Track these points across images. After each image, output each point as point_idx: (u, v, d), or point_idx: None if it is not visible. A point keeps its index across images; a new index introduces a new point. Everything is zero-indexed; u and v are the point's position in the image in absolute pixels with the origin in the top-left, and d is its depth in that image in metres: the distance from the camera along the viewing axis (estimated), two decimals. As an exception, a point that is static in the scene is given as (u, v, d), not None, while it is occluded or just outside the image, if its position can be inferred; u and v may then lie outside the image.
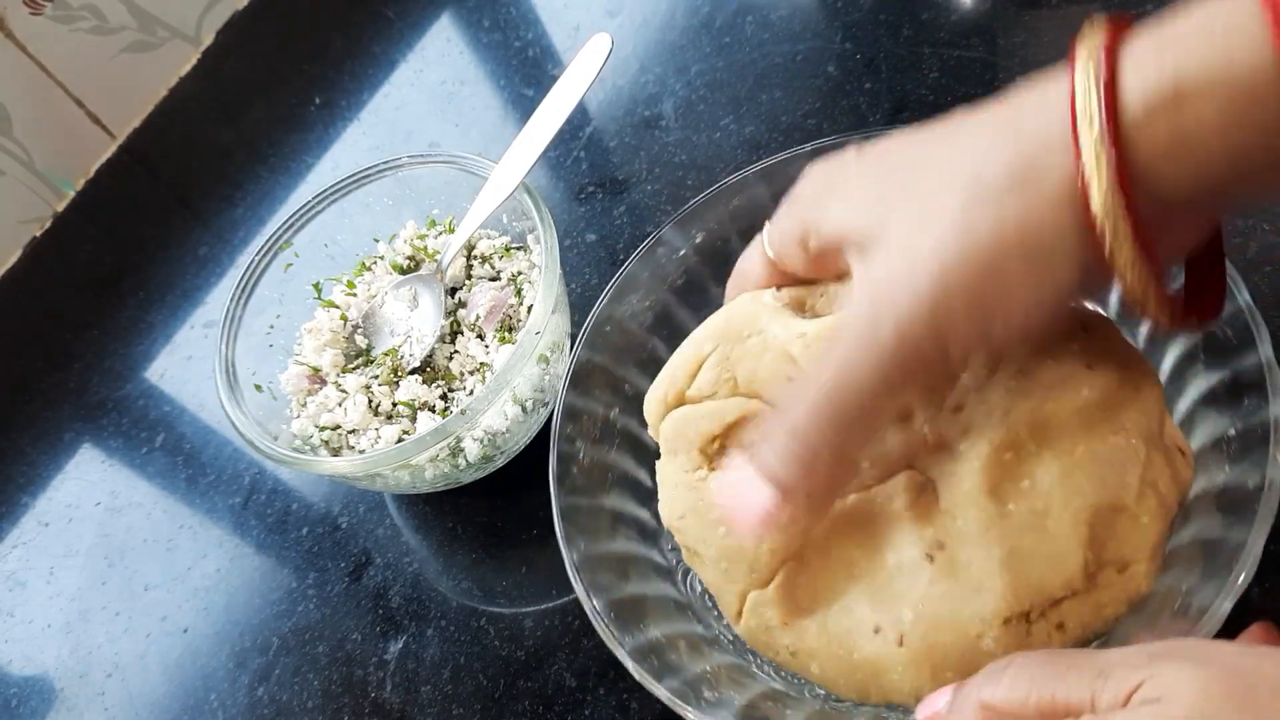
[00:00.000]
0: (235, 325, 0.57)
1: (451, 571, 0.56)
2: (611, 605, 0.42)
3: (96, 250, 0.77)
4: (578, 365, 0.48)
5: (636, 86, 0.69)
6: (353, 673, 0.53)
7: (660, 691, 0.39)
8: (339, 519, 0.59)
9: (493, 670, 0.51)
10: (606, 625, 0.41)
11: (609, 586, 0.43)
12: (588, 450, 0.47)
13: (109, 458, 0.66)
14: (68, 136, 0.79)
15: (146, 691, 0.56)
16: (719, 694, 0.40)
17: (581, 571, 0.42)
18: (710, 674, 0.41)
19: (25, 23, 0.73)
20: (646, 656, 0.40)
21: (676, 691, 0.39)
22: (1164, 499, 0.36)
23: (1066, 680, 0.28)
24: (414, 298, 0.58)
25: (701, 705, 0.39)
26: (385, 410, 0.55)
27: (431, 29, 0.78)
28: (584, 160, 0.67)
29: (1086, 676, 0.28)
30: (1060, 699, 0.28)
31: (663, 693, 0.39)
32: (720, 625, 0.44)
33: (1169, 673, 0.27)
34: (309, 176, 0.74)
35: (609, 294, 0.49)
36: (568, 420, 0.47)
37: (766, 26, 0.68)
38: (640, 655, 0.40)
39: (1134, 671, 0.27)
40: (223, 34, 0.84)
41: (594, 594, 0.42)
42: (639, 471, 0.49)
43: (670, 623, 0.43)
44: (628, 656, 0.40)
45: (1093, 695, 0.28)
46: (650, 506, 0.47)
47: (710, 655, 0.43)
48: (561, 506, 0.45)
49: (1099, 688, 0.28)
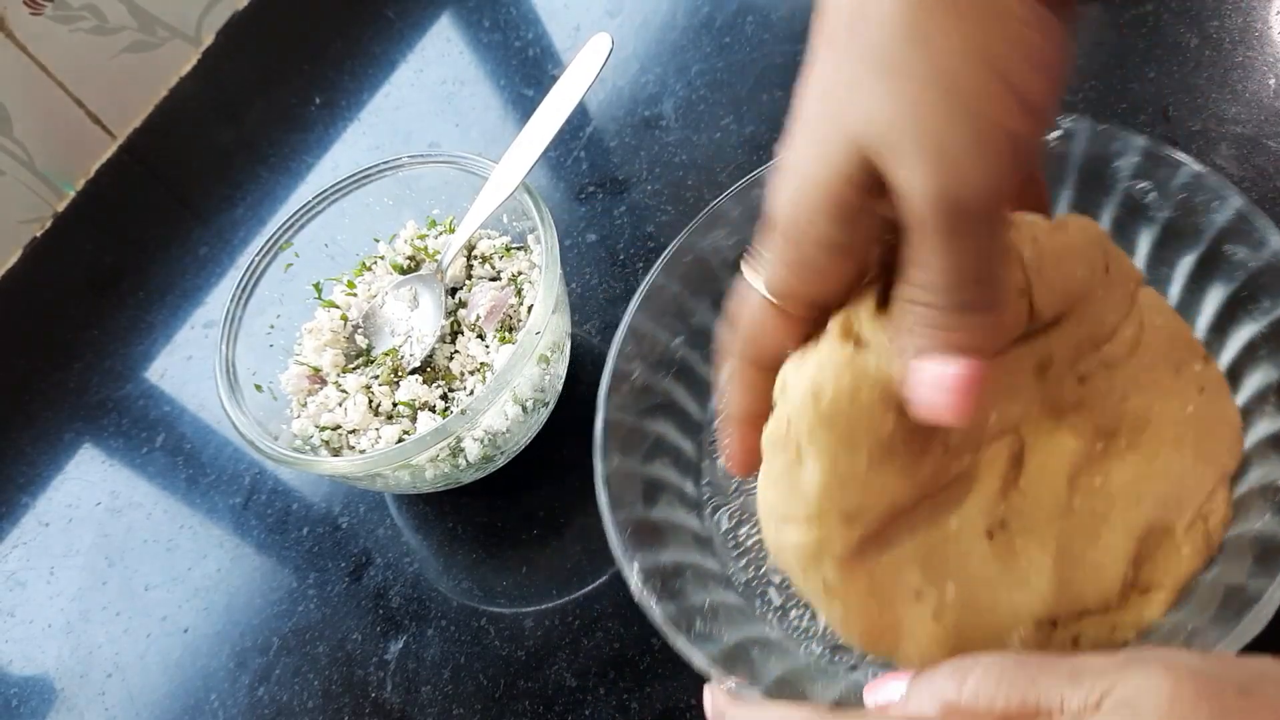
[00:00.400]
0: (235, 325, 0.57)
1: (452, 571, 0.56)
2: (631, 523, 0.42)
3: (96, 250, 0.77)
4: (651, 288, 0.48)
5: (637, 86, 0.69)
6: (353, 673, 0.53)
7: (655, 614, 0.39)
8: (339, 519, 0.59)
9: (493, 670, 0.51)
10: (622, 540, 0.41)
11: (633, 505, 0.43)
12: (643, 372, 0.47)
13: (109, 458, 0.66)
14: (68, 137, 0.79)
15: (147, 691, 0.56)
16: (710, 629, 0.40)
17: (610, 484, 0.43)
18: (709, 608, 0.42)
19: (25, 23, 0.73)
20: (651, 578, 0.41)
21: (670, 617, 0.39)
22: (1209, 537, 0.37)
23: (1037, 683, 0.28)
24: (414, 298, 0.58)
25: (690, 636, 0.39)
26: (385, 410, 0.55)
27: (431, 29, 0.78)
28: (584, 160, 0.67)
29: (1057, 680, 0.28)
30: (1030, 701, 0.28)
31: (657, 614, 0.39)
32: (736, 566, 0.45)
33: (1139, 676, 0.27)
34: (309, 176, 0.74)
35: (696, 224, 0.48)
36: (631, 339, 0.47)
37: (767, 26, 0.68)
38: (646, 575, 0.40)
39: (1104, 676, 0.27)
40: (223, 34, 0.84)
41: (616, 510, 0.42)
42: (689, 403, 0.49)
43: (685, 552, 0.44)
44: (634, 573, 0.40)
45: (1062, 699, 0.27)
46: (694, 438, 0.47)
47: (714, 591, 0.43)
48: (606, 419, 0.45)
49: (1069, 691, 0.28)
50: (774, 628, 0.43)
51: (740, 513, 0.48)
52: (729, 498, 0.48)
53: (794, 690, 0.39)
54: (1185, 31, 0.58)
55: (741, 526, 0.48)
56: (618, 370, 0.46)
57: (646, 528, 0.43)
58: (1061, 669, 0.28)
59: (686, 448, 0.48)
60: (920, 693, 0.30)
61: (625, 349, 0.47)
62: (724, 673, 0.38)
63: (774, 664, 0.40)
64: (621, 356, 0.47)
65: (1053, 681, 0.28)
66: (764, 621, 0.44)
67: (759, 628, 0.43)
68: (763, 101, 0.65)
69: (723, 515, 0.47)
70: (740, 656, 0.40)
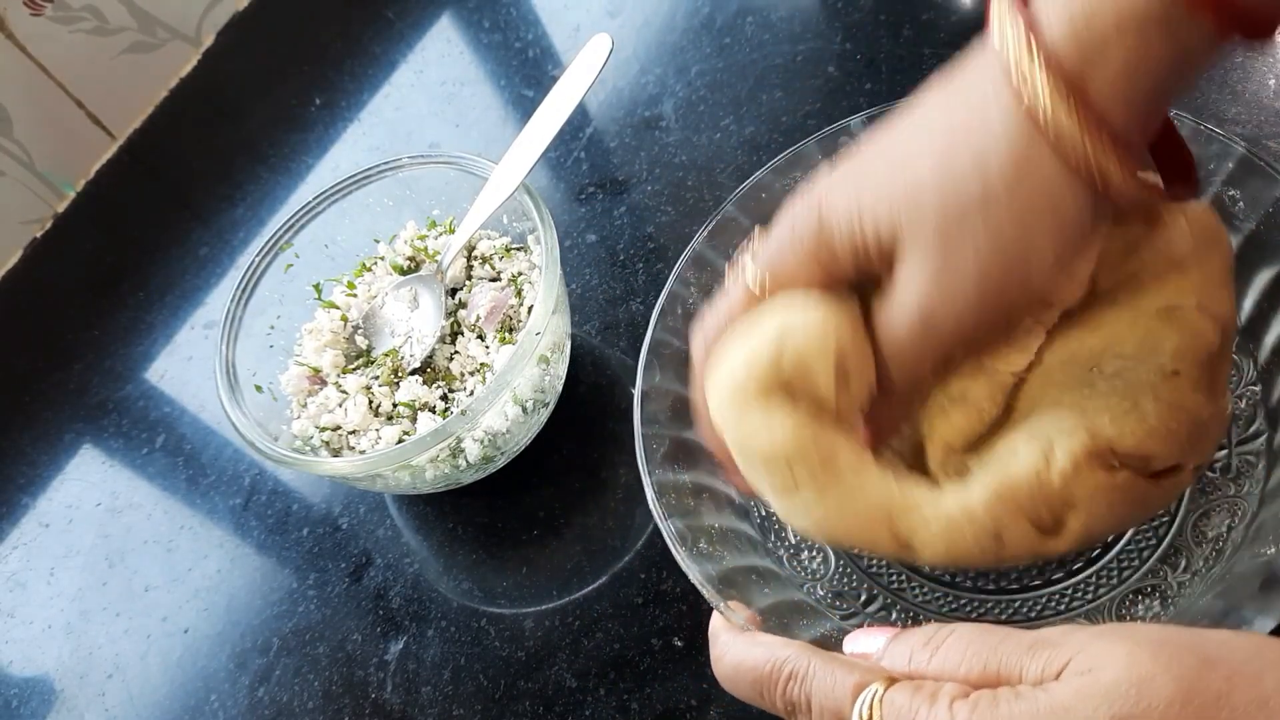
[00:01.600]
0: (236, 326, 0.57)
1: (452, 572, 0.56)
2: (657, 439, 0.44)
3: (97, 251, 0.76)
4: (722, 219, 0.49)
5: (637, 87, 0.69)
6: (353, 673, 0.53)
7: (665, 527, 0.41)
8: (339, 520, 0.59)
9: (493, 671, 0.51)
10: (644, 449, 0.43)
11: (664, 423, 0.45)
12: (699, 299, 0.48)
13: (109, 458, 0.66)
14: (68, 137, 0.79)
15: (147, 692, 0.56)
16: (714, 550, 0.42)
17: (646, 401, 0.44)
18: (717, 530, 0.43)
19: (25, 23, 0.73)
20: (666, 493, 0.42)
21: (678, 531, 0.41)
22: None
23: (999, 652, 0.28)
24: (414, 298, 0.58)
25: (693, 552, 0.40)
26: (386, 411, 0.55)
27: (432, 30, 0.78)
28: (584, 161, 0.67)
29: (1018, 650, 0.28)
30: (992, 669, 0.28)
31: (667, 528, 0.41)
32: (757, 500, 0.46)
33: (1099, 646, 0.27)
34: (309, 177, 0.74)
35: (778, 163, 0.49)
36: (692, 266, 0.48)
37: (767, 27, 0.68)
38: (662, 490, 0.42)
39: (1064, 647, 0.27)
40: (223, 35, 0.84)
41: (647, 424, 0.44)
42: None
43: (707, 476, 0.45)
44: (651, 485, 0.42)
45: (1021, 668, 0.28)
46: None
47: (727, 516, 0.44)
48: (654, 338, 0.46)
49: (1028, 661, 0.28)
50: (782, 564, 0.44)
51: None
52: None
53: (778, 621, 0.40)
54: (1185, 32, 0.58)
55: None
56: (674, 293, 0.47)
57: (674, 445, 0.44)
58: (1024, 640, 0.28)
59: None
60: (896, 652, 0.31)
61: (685, 274, 0.48)
62: (716, 593, 0.39)
63: (768, 594, 0.41)
64: (680, 281, 0.48)
65: (1013, 651, 0.28)
66: (771, 555, 0.44)
67: (764, 560, 0.44)
68: (763, 102, 0.65)
69: None
70: (736, 581, 0.41)
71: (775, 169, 0.49)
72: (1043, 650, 0.28)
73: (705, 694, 0.48)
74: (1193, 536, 0.42)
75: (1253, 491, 0.41)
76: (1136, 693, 0.25)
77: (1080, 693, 0.26)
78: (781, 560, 0.45)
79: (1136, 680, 0.25)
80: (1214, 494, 0.43)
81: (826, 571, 0.45)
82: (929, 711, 0.27)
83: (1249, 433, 0.43)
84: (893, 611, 0.45)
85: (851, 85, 0.63)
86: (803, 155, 0.49)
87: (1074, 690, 0.26)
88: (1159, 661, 0.26)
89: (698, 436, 0.42)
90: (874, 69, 0.63)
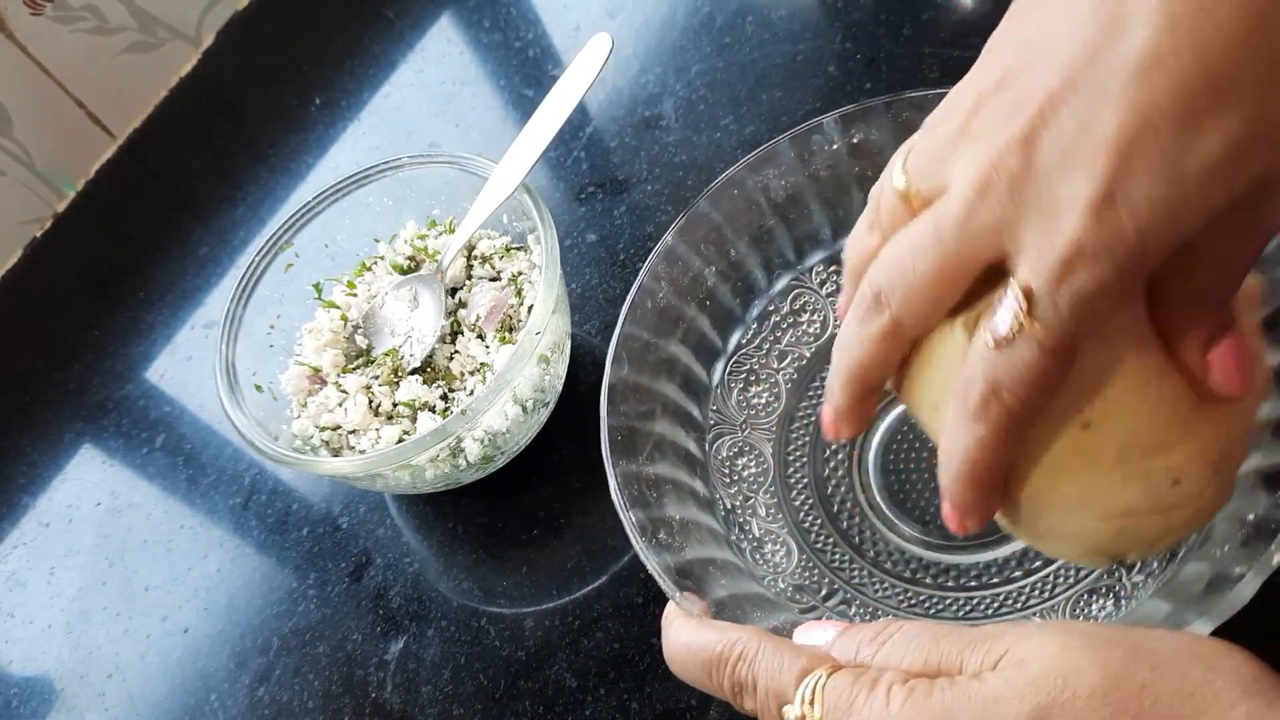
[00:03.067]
0: (235, 325, 0.57)
1: (452, 572, 0.56)
2: (622, 430, 0.44)
3: (97, 250, 0.76)
4: (691, 216, 0.48)
5: (637, 86, 0.69)
6: (353, 673, 0.53)
7: (626, 518, 0.41)
8: (339, 519, 0.59)
9: (493, 670, 0.51)
10: (611, 443, 0.43)
11: (630, 415, 0.45)
12: (669, 296, 0.48)
13: (109, 458, 0.66)
14: (68, 137, 0.79)
15: (147, 692, 0.56)
16: (674, 541, 0.42)
17: (613, 391, 0.44)
18: (680, 523, 0.43)
19: (25, 23, 0.73)
20: (631, 483, 0.42)
21: (639, 523, 0.41)
22: None
23: (941, 646, 0.29)
24: (414, 298, 0.58)
25: (653, 543, 0.40)
26: (385, 410, 0.55)
27: (432, 29, 0.78)
28: (584, 160, 0.67)
29: (960, 643, 0.29)
30: (933, 661, 0.29)
31: (627, 519, 0.41)
32: (724, 493, 0.46)
33: (1033, 638, 0.28)
34: (309, 177, 0.74)
35: (749, 160, 0.49)
36: (661, 261, 0.48)
37: (767, 26, 0.68)
38: (626, 480, 0.42)
39: (1002, 640, 0.28)
40: (223, 34, 0.84)
41: (613, 415, 0.44)
42: (712, 334, 0.50)
43: (670, 466, 0.45)
44: (615, 475, 0.42)
45: (961, 660, 0.29)
46: (708, 365, 0.49)
47: (691, 509, 0.44)
48: (624, 332, 0.46)
49: (968, 654, 0.29)
50: (744, 556, 0.44)
51: (741, 445, 0.49)
52: (737, 429, 0.49)
53: (733, 612, 0.40)
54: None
55: (741, 458, 0.49)
56: (645, 286, 0.47)
57: (641, 438, 0.44)
58: (966, 635, 0.29)
59: (699, 373, 0.49)
60: (843, 645, 0.31)
61: (656, 268, 0.48)
62: (673, 583, 0.39)
63: (725, 585, 0.42)
64: (650, 275, 0.47)
65: (955, 645, 0.29)
66: (734, 548, 0.45)
67: (725, 553, 0.44)
68: (763, 101, 0.65)
69: (724, 443, 0.48)
70: (694, 572, 0.41)
71: (748, 165, 0.49)
72: (982, 643, 0.28)
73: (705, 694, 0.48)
74: None
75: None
76: (1062, 682, 0.26)
77: (1010, 683, 0.27)
78: (744, 553, 0.45)
79: (1063, 671, 0.26)
80: None
81: (789, 565, 0.45)
82: (868, 696, 0.28)
83: None
84: (852, 606, 0.45)
85: (852, 85, 0.63)
86: (776, 153, 0.49)
87: (1005, 680, 0.27)
88: (1086, 654, 0.27)
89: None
90: (874, 69, 0.63)
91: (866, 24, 0.65)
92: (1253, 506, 0.37)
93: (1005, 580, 0.44)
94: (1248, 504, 0.37)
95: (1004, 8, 0.34)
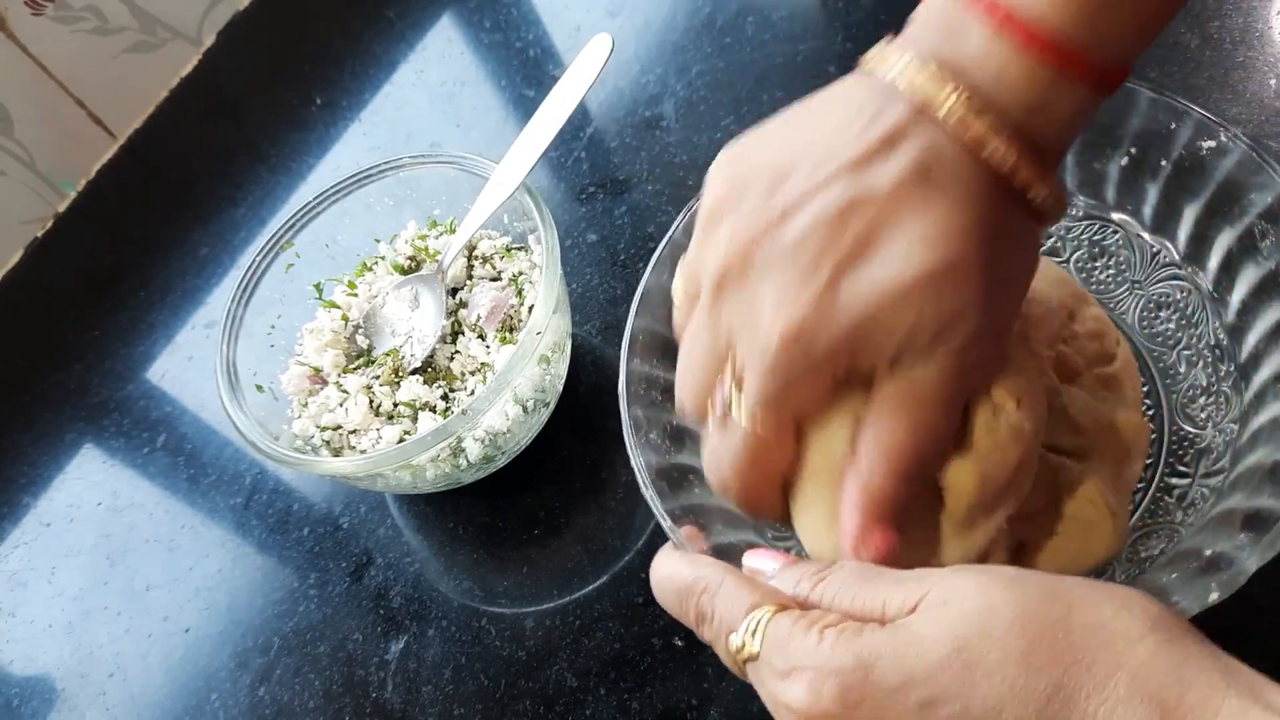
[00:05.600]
0: (236, 325, 0.57)
1: (452, 572, 0.56)
2: (640, 376, 0.44)
3: (97, 251, 0.77)
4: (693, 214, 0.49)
5: (637, 87, 0.69)
6: (354, 673, 0.53)
7: (636, 460, 0.42)
8: (340, 519, 0.59)
9: (494, 670, 0.52)
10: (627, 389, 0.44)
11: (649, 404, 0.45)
12: None
13: (110, 458, 0.66)
14: (69, 137, 0.79)
15: (148, 691, 0.56)
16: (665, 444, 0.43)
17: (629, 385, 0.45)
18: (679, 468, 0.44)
19: (26, 23, 0.73)
20: (640, 428, 0.43)
21: (652, 467, 0.42)
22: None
23: (870, 585, 0.31)
24: (415, 298, 0.58)
25: (661, 491, 0.41)
26: (386, 411, 0.55)
27: (432, 29, 0.78)
28: (585, 161, 0.67)
29: (888, 583, 0.31)
30: (858, 603, 0.31)
31: (638, 461, 0.42)
32: None
33: (952, 580, 0.29)
34: (310, 177, 0.74)
35: None
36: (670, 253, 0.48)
37: (767, 27, 0.68)
38: (636, 425, 0.43)
39: (924, 582, 0.30)
40: (224, 35, 0.84)
41: (632, 406, 0.44)
42: None
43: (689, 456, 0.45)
44: (628, 421, 0.43)
45: (884, 603, 0.30)
46: None
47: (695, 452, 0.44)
48: (647, 287, 0.46)
49: (894, 592, 0.30)
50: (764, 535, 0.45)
51: None
52: None
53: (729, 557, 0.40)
54: (1186, 32, 0.58)
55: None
56: (676, 241, 0.47)
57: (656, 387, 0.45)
58: (890, 577, 0.31)
59: None
60: (786, 576, 0.33)
61: (664, 256, 0.47)
62: (671, 524, 0.40)
63: (718, 534, 0.42)
64: (682, 232, 0.47)
65: (882, 585, 0.31)
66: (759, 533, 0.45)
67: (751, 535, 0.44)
68: (763, 102, 0.65)
69: None
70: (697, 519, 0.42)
71: None
72: (906, 584, 0.30)
73: (705, 694, 0.48)
74: (1127, 553, 0.43)
75: (1195, 523, 0.42)
76: (980, 620, 0.28)
77: (932, 620, 0.29)
78: (765, 535, 0.45)
79: (981, 609, 0.28)
80: (1161, 518, 0.44)
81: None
82: (804, 636, 0.30)
83: (1214, 468, 0.43)
84: None
85: (852, 85, 0.63)
86: None
87: (927, 618, 0.29)
88: (1004, 593, 0.28)
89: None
90: (874, 69, 0.63)
91: (867, 24, 0.65)
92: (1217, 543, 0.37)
93: None
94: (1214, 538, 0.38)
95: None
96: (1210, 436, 0.44)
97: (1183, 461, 0.45)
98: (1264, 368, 0.42)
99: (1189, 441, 0.45)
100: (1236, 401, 0.44)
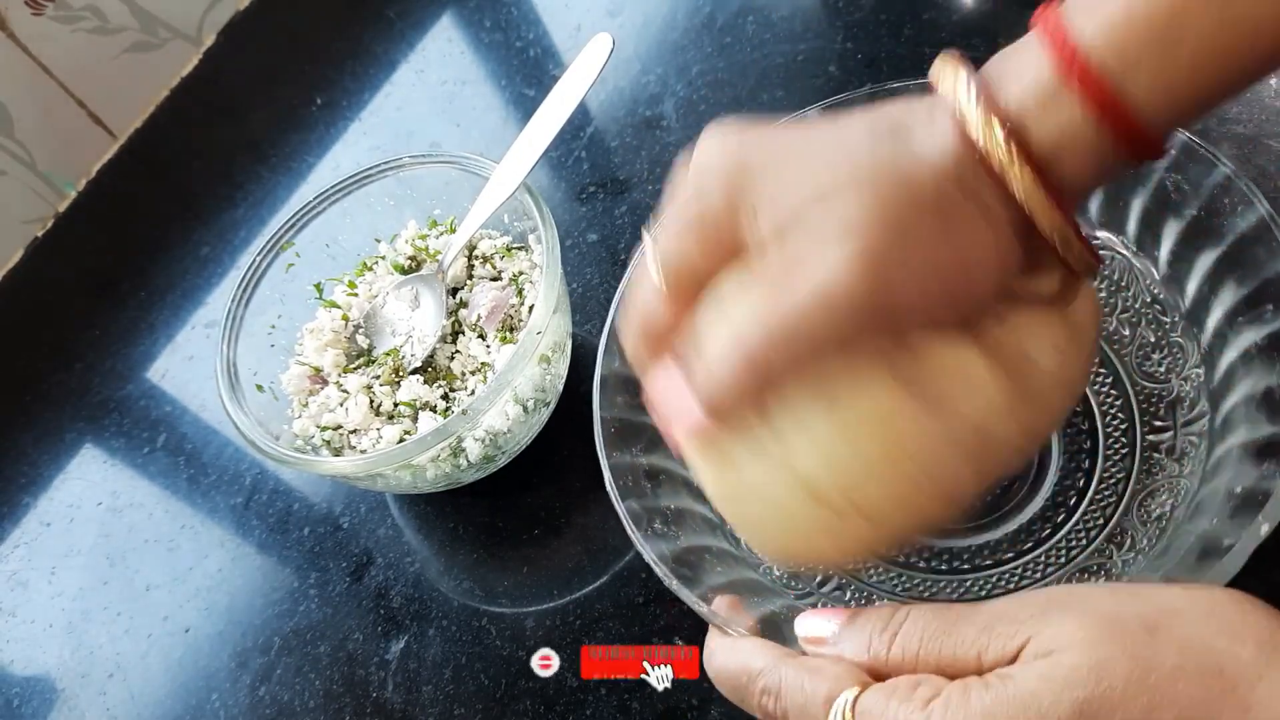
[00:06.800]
0: (237, 325, 0.57)
1: (453, 571, 0.56)
2: (616, 423, 0.44)
3: (98, 251, 0.77)
4: None
5: (638, 86, 0.69)
6: (354, 672, 0.53)
7: (620, 508, 0.41)
8: (340, 519, 0.59)
9: (494, 670, 0.52)
10: (603, 429, 0.43)
11: (622, 405, 0.45)
12: None
13: (110, 458, 0.66)
14: (69, 137, 0.79)
15: (148, 691, 0.56)
16: (669, 530, 0.42)
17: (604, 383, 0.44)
18: (672, 511, 0.43)
19: (26, 23, 0.73)
20: (623, 475, 0.42)
21: (633, 513, 0.41)
22: None
23: (956, 633, 0.29)
24: (415, 298, 0.58)
25: (648, 533, 0.40)
26: (387, 410, 0.55)
27: (433, 29, 0.78)
28: (585, 160, 0.67)
29: (974, 631, 0.29)
30: (947, 654, 0.29)
31: (621, 509, 0.41)
32: None
33: (1054, 624, 0.27)
34: (310, 176, 0.74)
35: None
36: None
37: (768, 26, 0.68)
38: (618, 472, 0.42)
39: (1020, 626, 0.28)
40: (224, 35, 0.84)
41: (605, 408, 0.44)
42: None
43: (662, 457, 0.45)
44: (608, 468, 0.42)
45: (979, 652, 0.28)
46: None
47: (684, 499, 0.44)
48: (614, 327, 0.46)
49: (987, 640, 0.28)
50: (738, 545, 0.45)
51: None
52: None
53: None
54: (1186, 31, 0.58)
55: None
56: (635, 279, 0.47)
57: (633, 430, 0.45)
58: (979, 618, 0.29)
59: None
60: (853, 639, 0.31)
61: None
62: (669, 572, 0.39)
63: (722, 571, 0.42)
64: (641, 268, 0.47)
65: (970, 631, 0.29)
66: (727, 538, 0.45)
67: (720, 541, 0.44)
68: (763, 101, 0.65)
69: None
70: (690, 560, 0.41)
71: None
72: (998, 627, 0.28)
73: (705, 694, 0.48)
74: (1138, 516, 0.43)
75: (1195, 471, 0.42)
76: (1096, 676, 0.26)
77: (1044, 678, 0.27)
78: (739, 541, 0.45)
79: (1094, 663, 0.26)
80: (1159, 474, 0.44)
81: None
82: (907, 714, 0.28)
83: (1192, 415, 0.44)
84: (847, 591, 0.46)
85: (852, 85, 0.63)
86: None
87: (1038, 675, 0.27)
88: (1115, 641, 0.27)
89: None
90: (875, 69, 0.63)
91: (867, 24, 0.65)
92: (1241, 479, 0.38)
93: (997, 562, 0.45)
94: (1236, 476, 0.38)
95: (1005, 8, 0.34)
96: (1177, 386, 0.45)
97: (1158, 416, 0.45)
98: (1215, 308, 0.43)
99: (1157, 396, 0.46)
100: (1193, 348, 0.44)
